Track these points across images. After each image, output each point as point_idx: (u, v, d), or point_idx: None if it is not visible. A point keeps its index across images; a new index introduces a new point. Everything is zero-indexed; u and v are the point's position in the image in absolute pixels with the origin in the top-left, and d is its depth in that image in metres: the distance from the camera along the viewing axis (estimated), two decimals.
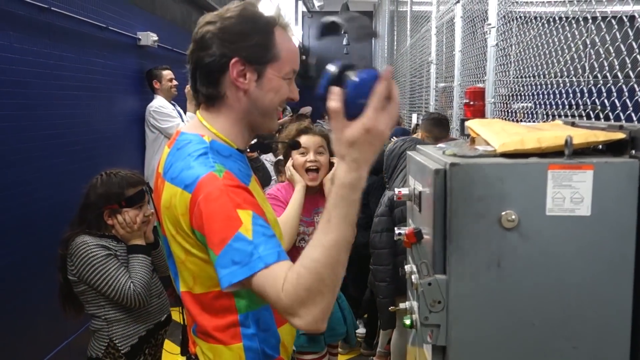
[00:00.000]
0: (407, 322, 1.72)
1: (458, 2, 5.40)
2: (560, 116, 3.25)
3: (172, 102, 5.07)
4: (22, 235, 3.24)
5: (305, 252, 1.07)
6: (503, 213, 1.35)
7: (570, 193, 1.35)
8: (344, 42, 18.84)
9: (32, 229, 3.32)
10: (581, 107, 2.85)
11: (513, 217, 1.34)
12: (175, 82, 5.03)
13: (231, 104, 1.34)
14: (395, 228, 1.86)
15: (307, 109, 8.79)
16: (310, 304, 1.04)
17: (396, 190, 1.81)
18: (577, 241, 1.33)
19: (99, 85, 4.25)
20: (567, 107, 3.03)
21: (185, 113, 4.88)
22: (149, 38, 5.02)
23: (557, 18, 3.17)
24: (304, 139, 2.41)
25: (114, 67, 4.55)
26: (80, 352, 2.59)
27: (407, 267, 1.83)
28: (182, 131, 1.37)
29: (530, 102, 3.54)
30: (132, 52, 4.96)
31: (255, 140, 2.46)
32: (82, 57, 3.97)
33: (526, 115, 3.50)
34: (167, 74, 5.01)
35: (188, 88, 1.66)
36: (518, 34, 3.80)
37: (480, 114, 1.79)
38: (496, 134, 1.50)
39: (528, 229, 1.35)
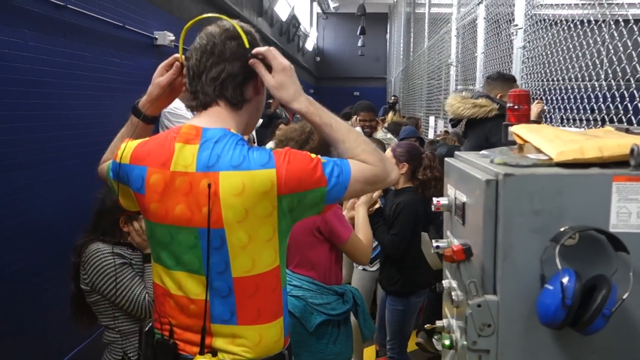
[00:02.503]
0: (447, 342, 1.60)
1: (481, 2, 5.28)
2: (582, 120, 3.15)
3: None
4: (36, 239, 3.15)
5: (342, 148, 1.42)
6: (562, 229, 1.22)
7: (637, 208, 1.22)
8: (359, 44, 18.80)
9: (46, 233, 3.23)
10: (604, 111, 2.75)
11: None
12: None
13: (250, 106, 1.49)
14: (433, 241, 1.74)
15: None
16: (386, 160, 1.45)
17: (435, 200, 1.69)
18: None
19: (114, 85, 4.16)
20: (595, 111, 2.93)
21: None
22: (165, 38, 4.93)
23: (585, 21, 3.06)
24: None
25: (130, 66, 4.46)
26: (92, 359, 2.48)
27: (444, 282, 1.71)
28: (203, 127, 1.41)
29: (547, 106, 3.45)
30: (148, 52, 4.87)
31: None
32: (98, 56, 3.89)
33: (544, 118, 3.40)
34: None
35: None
36: (545, 36, 3.68)
37: (525, 118, 1.66)
38: (550, 141, 1.37)
39: None
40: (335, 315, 2.37)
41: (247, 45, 1.42)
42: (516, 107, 1.70)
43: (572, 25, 3.26)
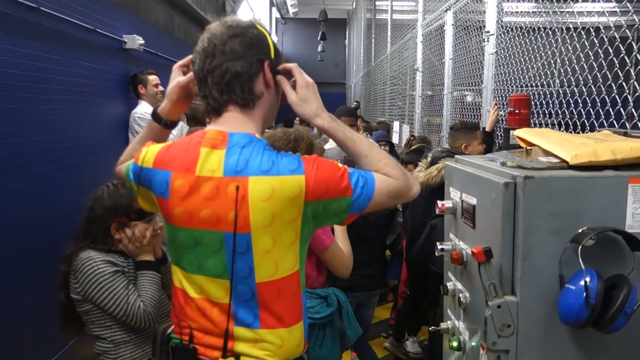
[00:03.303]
0: (455, 344, 1.62)
1: (449, 9, 5.37)
2: (547, 125, 3.26)
3: None
4: (8, 248, 3.03)
5: (364, 162, 1.43)
6: (580, 230, 1.25)
7: None
8: (319, 49, 18.87)
9: (17, 242, 3.11)
10: (567, 116, 2.86)
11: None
12: (161, 88, 4.83)
13: (262, 101, 1.46)
14: (437, 244, 1.76)
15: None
16: (407, 174, 1.43)
17: (439, 203, 1.71)
18: None
19: (84, 89, 4.04)
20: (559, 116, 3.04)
21: None
22: (134, 41, 4.83)
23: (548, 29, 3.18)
24: None
25: (100, 70, 4.35)
26: None
27: (449, 285, 1.73)
28: (229, 132, 1.41)
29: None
30: (117, 56, 4.76)
31: None
32: (68, 60, 3.77)
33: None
34: (153, 79, 4.81)
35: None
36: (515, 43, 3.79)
37: (525, 122, 1.70)
38: (560, 144, 1.41)
39: None
40: (319, 318, 2.36)
41: (272, 56, 1.43)
42: (516, 111, 1.74)
43: (540, 35, 3.38)
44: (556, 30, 3.17)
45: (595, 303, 1.16)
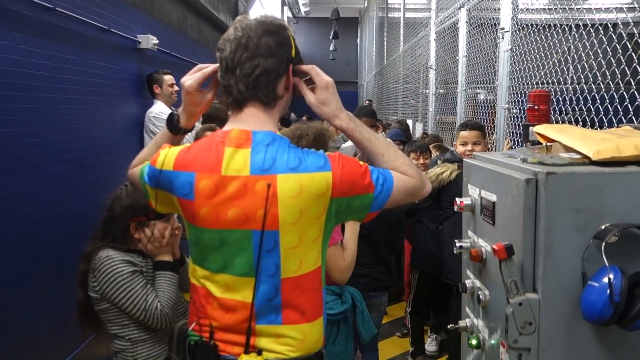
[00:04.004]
0: (474, 342, 1.61)
1: (462, 7, 5.34)
2: (564, 122, 3.23)
3: (173, 108, 4.89)
4: (26, 248, 3.06)
5: (381, 161, 1.46)
6: (603, 227, 1.24)
7: None
8: (331, 48, 18.85)
9: (35, 241, 3.14)
10: (584, 113, 2.82)
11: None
12: (176, 88, 4.85)
13: (281, 102, 1.48)
14: (456, 241, 1.75)
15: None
16: (422, 173, 1.48)
17: (457, 200, 1.70)
18: None
19: (99, 89, 4.07)
20: (577, 112, 3.00)
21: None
22: (149, 41, 4.85)
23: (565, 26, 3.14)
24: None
25: (114, 70, 4.37)
26: None
27: (467, 282, 1.72)
28: (252, 130, 1.41)
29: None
30: (132, 55, 4.78)
31: None
32: (83, 60, 3.80)
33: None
34: (169, 78, 4.83)
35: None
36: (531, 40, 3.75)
37: (545, 119, 1.69)
38: (582, 140, 1.40)
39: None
40: (332, 315, 2.35)
41: (293, 55, 1.44)
42: (536, 107, 1.72)
43: (558, 31, 3.34)
44: (572, 27, 3.14)
45: (619, 300, 1.15)
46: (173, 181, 1.44)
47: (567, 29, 3.21)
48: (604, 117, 2.61)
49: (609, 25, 2.73)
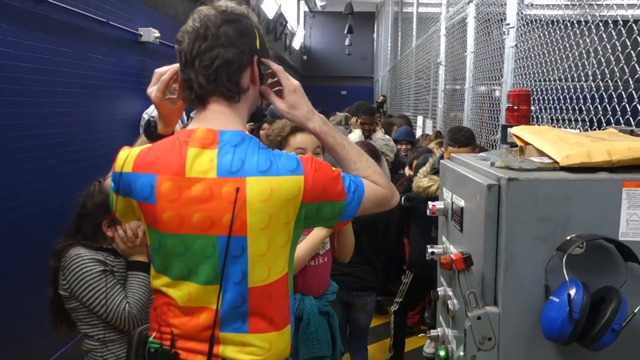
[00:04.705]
0: (442, 353, 1.54)
1: (471, 1, 5.23)
2: (571, 121, 3.11)
3: None
4: (15, 242, 3.04)
5: (352, 168, 1.42)
6: (568, 237, 1.16)
7: None
8: (346, 43, 18.73)
9: (24, 235, 3.12)
10: (592, 112, 2.70)
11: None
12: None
13: (247, 96, 1.41)
14: (428, 247, 1.67)
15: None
16: (391, 184, 1.46)
17: (430, 204, 1.62)
18: None
19: (98, 82, 4.05)
20: (584, 112, 2.88)
21: (188, 117, 4.65)
22: (150, 34, 4.82)
23: (575, 22, 3.02)
24: (299, 138, 2.18)
25: (114, 63, 4.35)
26: None
27: (439, 290, 1.64)
28: (219, 130, 1.34)
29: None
30: (133, 49, 4.76)
31: None
32: (80, 53, 3.77)
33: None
34: None
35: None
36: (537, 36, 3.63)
37: (525, 119, 1.60)
38: (554, 143, 1.31)
39: None
40: None
41: (258, 46, 1.38)
42: (516, 107, 1.64)
43: (562, 27, 3.22)
44: (583, 22, 3.02)
45: (579, 318, 1.07)
46: (132, 184, 1.35)
47: (577, 24, 3.09)
48: (611, 117, 2.49)
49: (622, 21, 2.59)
